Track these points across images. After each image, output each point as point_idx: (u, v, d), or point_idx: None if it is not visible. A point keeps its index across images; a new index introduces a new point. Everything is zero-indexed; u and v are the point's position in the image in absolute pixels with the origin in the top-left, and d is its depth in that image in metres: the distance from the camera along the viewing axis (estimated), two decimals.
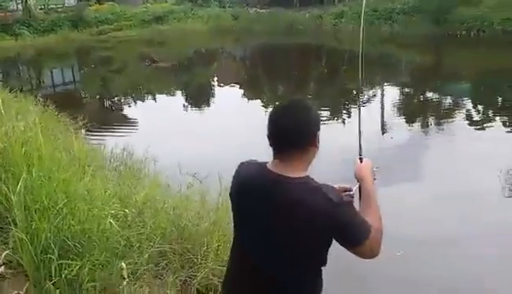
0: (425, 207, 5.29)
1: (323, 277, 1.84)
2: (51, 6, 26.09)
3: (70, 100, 13.64)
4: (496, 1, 18.19)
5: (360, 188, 1.95)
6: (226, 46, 23.40)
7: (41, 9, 25.35)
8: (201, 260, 3.30)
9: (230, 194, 1.89)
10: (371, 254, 1.76)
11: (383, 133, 8.56)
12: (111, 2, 28.16)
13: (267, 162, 1.79)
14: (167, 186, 4.55)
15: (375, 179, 2.00)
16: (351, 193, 2.02)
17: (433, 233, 4.65)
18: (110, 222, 2.98)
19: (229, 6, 27.55)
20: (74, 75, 18.99)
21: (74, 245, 2.87)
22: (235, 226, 1.91)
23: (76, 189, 3.10)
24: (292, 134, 1.73)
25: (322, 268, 1.83)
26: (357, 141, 2.12)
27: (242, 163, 1.88)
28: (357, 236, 1.72)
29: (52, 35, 23.63)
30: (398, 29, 20.37)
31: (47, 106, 7.30)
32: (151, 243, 3.27)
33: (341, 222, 1.69)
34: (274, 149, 1.76)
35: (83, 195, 3.09)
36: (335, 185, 2.04)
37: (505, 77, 13.44)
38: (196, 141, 7.49)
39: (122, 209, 3.32)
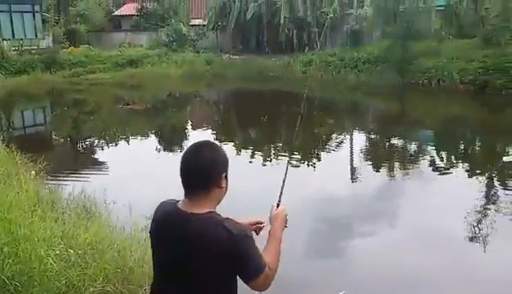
0: (387, 252, 5.39)
1: None
2: (26, 47, 26.22)
3: (40, 142, 13.57)
4: (453, 52, 19.21)
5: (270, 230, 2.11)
6: (200, 91, 23.82)
7: (14, 50, 25.43)
8: None
9: (150, 232, 2.03)
10: (263, 288, 1.93)
11: (352, 180, 8.77)
12: (86, 45, 28.53)
13: (179, 201, 1.95)
14: (119, 228, 4.65)
15: (286, 226, 2.15)
16: (262, 225, 2.20)
17: (392, 278, 4.75)
18: (51, 263, 3.07)
19: (203, 52, 28.21)
20: (45, 117, 18.93)
21: (15, 285, 2.95)
22: (153, 264, 2.04)
23: (19, 229, 3.19)
24: (196, 176, 1.89)
25: None
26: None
27: (161, 202, 2.02)
28: (253, 269, 1.87)
29: (25, 76, 23.61)
30: (364, 78, 21.17)
31: (7, 148, 7.35)
32: (94, 284, 3.36)
33: (239, 252, 1.83)
34: (184, 189, 1.93)
35: (27, 235, 3.18)
36: (251, 217, 2.24)
37: (465, 124, 14.13)
38: (162, 184, 7.55)
39: (66, 249, 3.42)
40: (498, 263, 5.10)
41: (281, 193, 2.30)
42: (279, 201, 2.23)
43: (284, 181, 2.36)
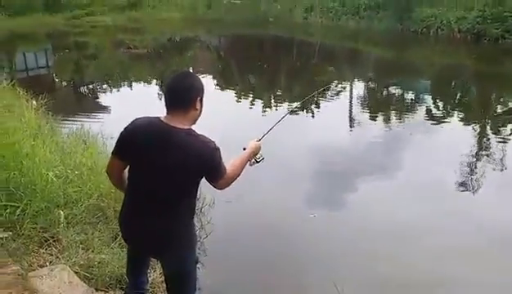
0: (382, 200, 5.43)
1: None
2: None
3: (43, 84, 13.78)
4: (453, 1, 19.09)
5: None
6: (200, 35, 23.80)
7: None
8: None
9: (121, 140, 2.36)
10: (220, 187, 2.49)
11: (350, 127, 8.96)
12: None
13: (159, 117, 2.36)
14: None
15: (255, 159, 2.70)
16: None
17: (385, 227, 4.77)
18: (51, 177, 3.54)
19: None
20: (47, 59, 19.07)
21: (20, 194, 3.44)
22: (131, 170, 2.41)
23: (23, 149, 3.65)
24: (178, 97, 2.33)
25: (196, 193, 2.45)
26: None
27: (136, 118, 2.40)
28: (219, 174, 2.41)
29: (26, 18, 23.62)
30: (364, 25, 21.10)
31: (11, 85, 7.74)
32: (89, 199, 3.86)
33: (213, 162, 2.35)
34: (166, 107, 2.36)
35: (29, 155, 3.64)
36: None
37: (461, 74, 14.30)
38: None
39: (65, 170, 3.90)
40: (488, 211, 5.15)
41: (267, 133, 2.83)
42: (261, 138, 2.77)
43: (270, 129, 2.91)
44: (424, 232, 4.68)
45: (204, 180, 2.42)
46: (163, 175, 2.30)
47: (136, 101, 10.61)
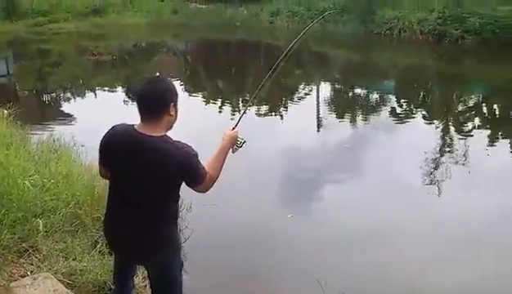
0: (351, 202, 5.49)
1: None
2: None
3: (4, 94, 13.35)
4: (415, 3, 19.69)
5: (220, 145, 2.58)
6: (166, 41, 23.63)
7: None
8: None
9: (101, 147, 2.41)
10: (202, 191, 2.45)
11: (318, 129, 9.10)
12: None
13: (134, 125, 2.35)
14: (88, 164, 5.02)
15: (236, 146, 2.61)
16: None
17: (355, 228, 4.80)
18: (27, 186, 3.50)
19: (171, 0, 27.76)
20: (8, 67, 18.47)
21: None
22: (111, 177, 2.44)
23: None
24: (150, 104, 2.30)
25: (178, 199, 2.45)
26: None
27: (113, 126, 2.42)
28: (198, 179, 2.38)
29: None
30: (329, 28, 21.45)
31: None
32: (67, 207, 3.83)
33: (190, 165, 2.32)
34: (139, 115, 2.34)
35: (3, 165, 3.58)
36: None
37: (424, 74, 14.71)
38: None
39: (41, 179, 3.85)
40: (453, 209, 5.29)
41: (239, 121, 2.74)
42: (235, 126, 2.68)
43: (243, 113, 2.88)
44: (399, 230, 4.80)
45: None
46: (140, 182, 2.30)
47: (103, 109, 10.39)
